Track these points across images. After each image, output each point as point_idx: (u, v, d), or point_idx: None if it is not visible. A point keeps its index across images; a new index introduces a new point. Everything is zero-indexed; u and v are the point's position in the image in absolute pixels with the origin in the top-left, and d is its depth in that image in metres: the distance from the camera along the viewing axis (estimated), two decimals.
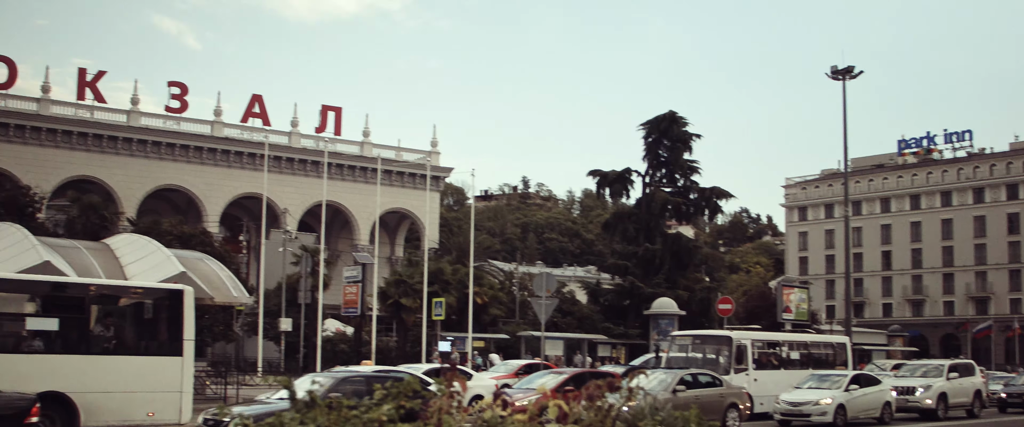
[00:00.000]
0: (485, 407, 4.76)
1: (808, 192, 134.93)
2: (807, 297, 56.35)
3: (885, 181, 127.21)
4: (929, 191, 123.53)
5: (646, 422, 4.89)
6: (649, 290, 66.34)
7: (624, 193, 74.05)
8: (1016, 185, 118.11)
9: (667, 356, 36.95)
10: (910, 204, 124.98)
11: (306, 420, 4.41)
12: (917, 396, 36.15)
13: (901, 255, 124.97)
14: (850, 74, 51.26)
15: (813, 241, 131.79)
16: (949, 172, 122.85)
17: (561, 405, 5.02)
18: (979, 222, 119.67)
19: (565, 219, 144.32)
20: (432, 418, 4.60)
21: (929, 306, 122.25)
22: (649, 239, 70.38)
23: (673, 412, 5.09)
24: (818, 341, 42.03)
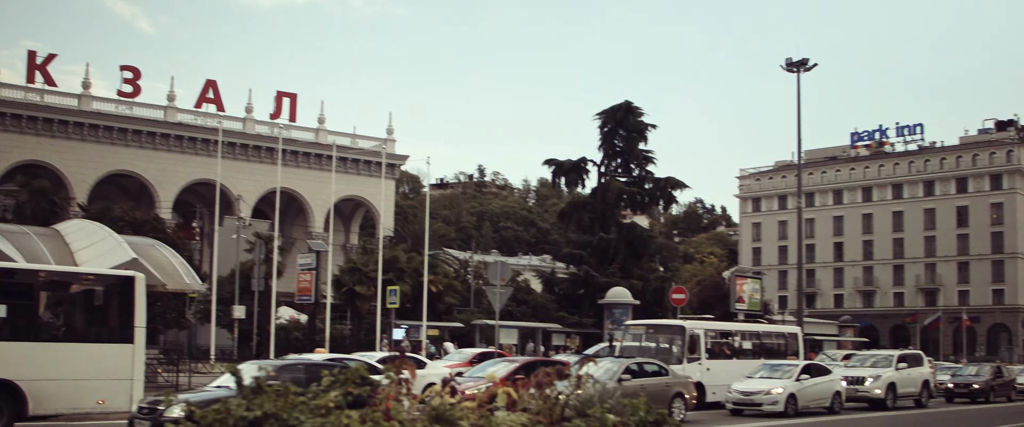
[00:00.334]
0: (433, 394, 4.75)
1: (762, 183, 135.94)
2: (760, 287, 56.75)
3: (838, 173, 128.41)
4: (881, 183, 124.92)
5: (595, 409, 4.91)
6: (603, 279, 66.55)
7: (580, 182, 74.16)
8: (965, 179, 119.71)
9: (620, 345, 37.05)
10: (862, 196, 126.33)
11: (253, 406, 4.38)
12: (867, 386, 36.59)
13: (853, 246, 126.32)
14: (804, 66, 51.61)
15: (766, 232, 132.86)
16: (900, 165, 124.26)
17: (510, 393, 5.03)
18: (929, 215, 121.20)
19: (521, 208, 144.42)
20: (380, 405, 4.58)
21: (880, 297, 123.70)
22: (604, 228, 70.59)
23: (622, 400, 5.11)
24: (770, 331, 42.34)
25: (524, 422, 4.72)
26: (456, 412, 4.70)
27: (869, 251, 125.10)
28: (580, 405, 4.98)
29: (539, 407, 4.94)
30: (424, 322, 55.17)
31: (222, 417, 4.35)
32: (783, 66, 52.04)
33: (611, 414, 4.97)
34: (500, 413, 4.86)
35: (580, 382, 5.01)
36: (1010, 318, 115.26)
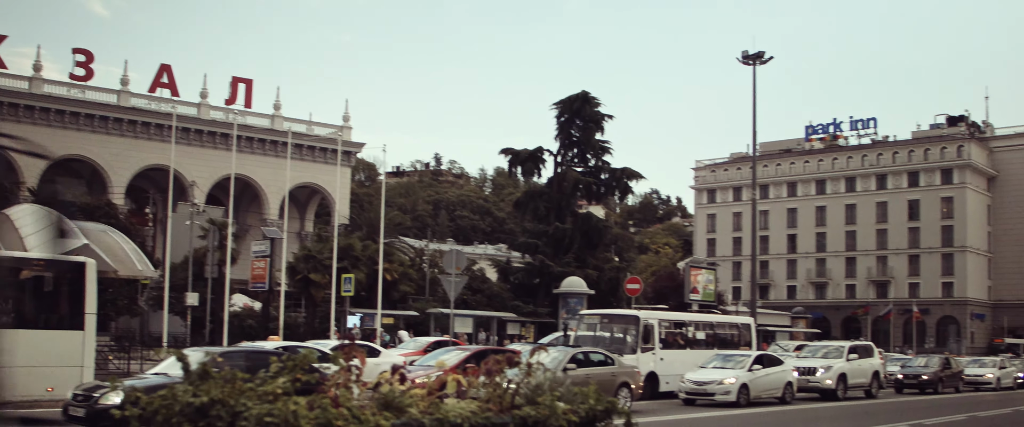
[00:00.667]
0: (383, 382, 4.74)
1: (717, 175, 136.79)
2: (714, 278, 57.09)
3: (792, 166, 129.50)
4: (834, 176, 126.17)
5: (545, 397, 4.91)
6: (559, 269, 66.67)
7: (536, 172, 74.16)
8: (917, 173, 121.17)
9: (575, 335, 37.20)
10: (816, 189, 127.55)
11: (199, 392, 4.34)
12: (818, 376, 36.96)
13: (806, 238, 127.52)
14: (760, 59, 51.99)
15: (721, 223, 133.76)
16: (854, 158, 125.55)
17: (459, 380, 5.02)
18: (881, 208, 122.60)
19: (477, 197, 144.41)
20: (329, 391, 4.56)
21: (832, 289, 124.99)
22: (560, 218, 70.69)
23: (572, 388, 5.11)
24: (724, 321, 42.67)
25: (473, 410, 4.71)
26: (405, 399, 4.68)
27: (822, 243, 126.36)
28: (530, 393, 4.97)
29: (489, 395, 4.93)
30: (379, 310, 54.98)
31: (168, 403, 4.30)
32: (739, 59, 52.40)
33: (561, 402, 4.96)
34: (450, 401, 4.85)
35: (530, 370, 5.01)
36: (959, 311, 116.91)
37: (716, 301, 58.19)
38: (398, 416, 4.56)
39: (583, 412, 4.99)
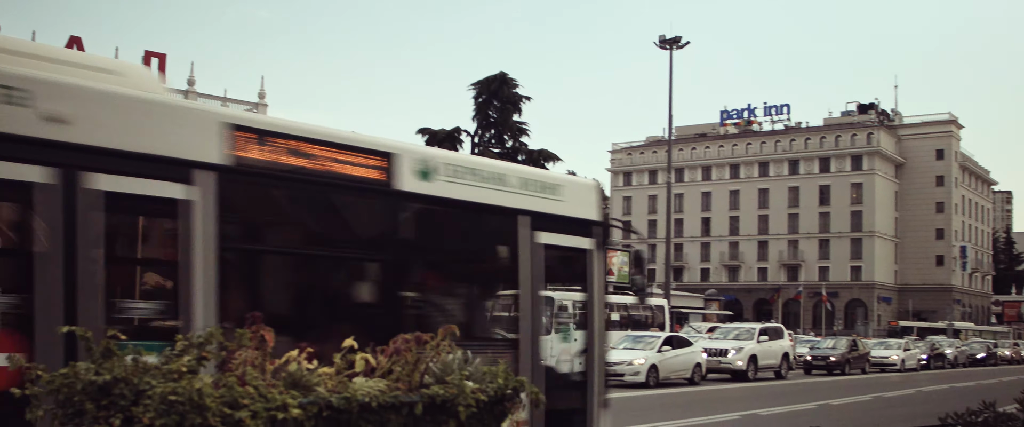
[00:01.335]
0: (291, 360, 4.71)
1: (633, 158, 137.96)
2: (629, 260, 57.57)
3: (707, 150, 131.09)
4: (748, 161, 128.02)
5: (454, 376, 4.91)
6: None
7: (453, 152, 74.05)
8: (828, 159, 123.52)
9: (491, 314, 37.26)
10: (730, 173, 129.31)
11: (102, 371, 4.26)
12: (729, 358, 37.60)
13: (720, 222, 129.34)
14: (677, 44, 52.49)
15: (636, 206, 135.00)
16: (767, 144, 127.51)
17: (368, 359, 5.01)
18: (793, 193, 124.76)
19: None
20: (236, 369, 4.51)
21: (744, 272, 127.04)
22: None
23: (482, 367, 5.13)
24: (637, 303, 43.12)
25: (382, 388, 4.71)
26: (313, 378, 4.66)
27: (735, 227, 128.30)
28: (439, 372, 4.98)
29: (398, 373, 4.93)
30: None
31: (70, 381, 4.22)
32: (656, 43, 52.86)
33: (469, 381, 4.98)
34: (358, 380, 4.83)
35: (439, 348, 5.02)
36: (866, 294, 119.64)
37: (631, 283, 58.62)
38: (305, 394, 4.54)
39: (492, 391, 5.01)
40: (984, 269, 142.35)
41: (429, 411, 4.76)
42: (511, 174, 9.47)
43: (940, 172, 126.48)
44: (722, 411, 23.90)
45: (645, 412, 23.58)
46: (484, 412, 4.95)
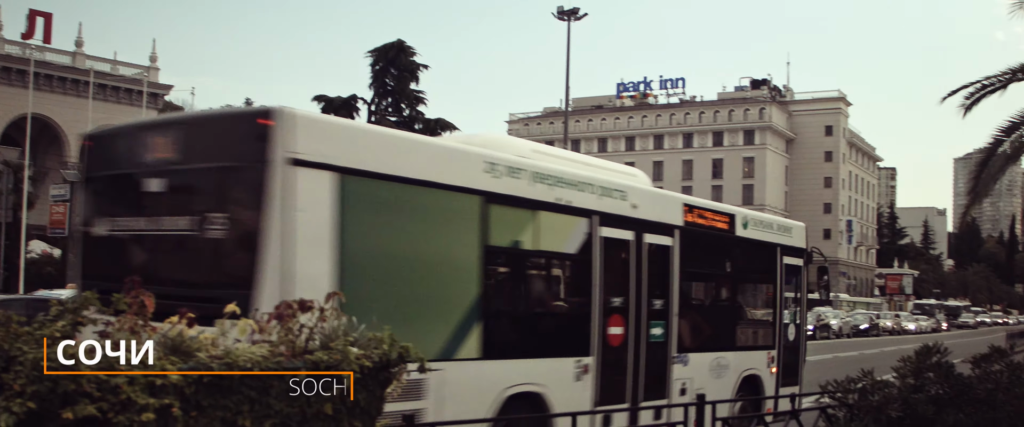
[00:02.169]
0: (172, 324, 4.63)
1: (530, 128, 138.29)
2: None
3: (603, 122, 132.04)
4: (643, 134, 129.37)
5: (338, 342, 4.89)
6: None
7: (350, 120, 73.41)
8: (721, 133, 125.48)
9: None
10: (625, 145, 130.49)
11: None
12: None
13: None
14: (575, 16, 52.64)
15: None
16: (662, 117, 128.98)
17: (251, 324, 4.95)
18: (687, 166, 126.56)
19: None
20: (113, 334, 4.42)
21: None
22: None
23: (367, 333, 5.11)
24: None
25: (264, 353, 4.66)
26: (193, 344, 4.59)
27: None
28: (324, 337, 4.95)
29: (281, 339, 4.88)
30: None
31: None
32: (554, 14, 52.94)
33: (354, 347, 4.96)
34: (241, 345, 4.77)
35: (324, 315, 4.98)
36: None
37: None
38: (185, 360, 4.46)
39: (377, 357, 5.00)
40: (869, 243, 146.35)
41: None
42: (776, 223, 17.07)
43: (829, 148, 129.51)
44: None
45: None
46: (369, 378, 4.94)
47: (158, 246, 9.42)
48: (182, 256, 9.21)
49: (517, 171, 10.40)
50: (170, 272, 9.22)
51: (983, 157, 23.27)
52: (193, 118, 12.12)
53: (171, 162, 9.04)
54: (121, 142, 10.40)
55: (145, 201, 9.34)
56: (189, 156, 8.99)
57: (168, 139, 9.27)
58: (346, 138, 9.05)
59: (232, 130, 9.17)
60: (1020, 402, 8.43)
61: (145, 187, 9.27)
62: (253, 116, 8.55)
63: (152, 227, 9.34)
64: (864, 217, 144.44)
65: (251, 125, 8.39)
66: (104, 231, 9.71)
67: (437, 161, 9.87)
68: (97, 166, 10.07)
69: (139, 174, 9.32)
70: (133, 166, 9.48)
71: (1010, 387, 8.69)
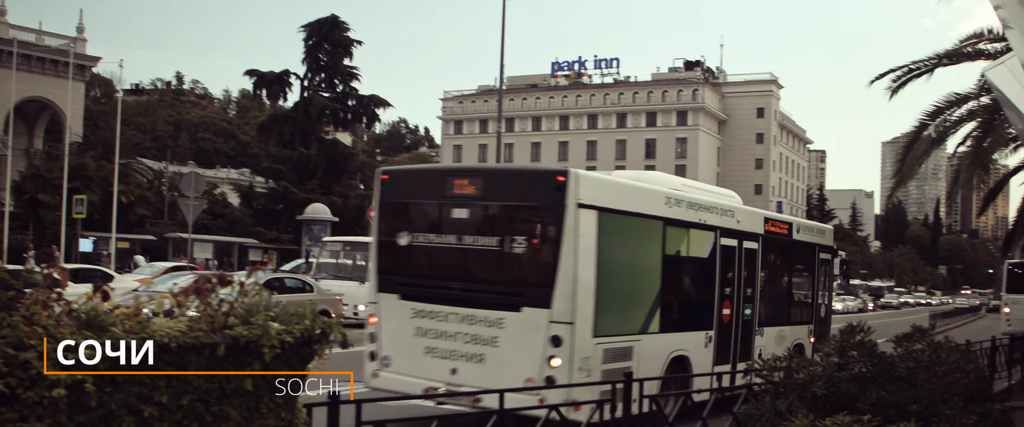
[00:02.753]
0: (85, 300, 4.51)
1: (465, 106, 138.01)
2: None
3: (538, 101, 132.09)
4: (578, 113, 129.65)
5: (259, 317, 4.80)
6: (303, 195, 65.82)
7: (282, 96, 72.61)
8: (655, 113, 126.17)
9: (317, 262, 37.00)
10: (560, 124, 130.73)
11: None
12: None
13: None
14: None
15: (467, 155, 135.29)
16: (596, 96, 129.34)
17: (170, 299, 4.84)
18: (621, 146, 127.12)
19: (220, 119, 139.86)
20: (24, 310, 4.29)
21: None
22: (305, 144, 69.69)
23: (289, 308, 5.02)
24: None
25: (182, 329, 4.55)
26: (108, 318, 4.46)
27: None
28: (245, 313, 4.85)
29: (200, 314, 4.78)
30: (113, 234, 52.77)
31: None
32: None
33: (275, 323, 4.87)
34: (158, 320, 4.66)
35: (244, 290, 4.88)
36: None
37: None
38: (99, 335, 4.34)
39: (298, 332, 4.91)
40: None
41: (232, 352, 4.64)
42: (814, 226, 20.94)
43: (760, 130, 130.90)
44: None
45: None
46: (290, 353, 4.85)
47: (460, 255, 13.03)
48: (485, 263, 12.83)
49: (679, 202, 14.74)
50: (473, 273, 12.98)
51: (909, 140, 23.67)
52: (497, 169, 16.61)
53: (475, 198, 12.92)
54: (419, 178, 14.90)
55: (449, 223, 13.15)
56: (493, 195, 13.01)
57: (473, 181, 13.17)
58: (601, 187, 13.02)
59: (536, 181, 13.35)
60: (940, 380, 8.57)
61: (450, 214, 13.16)
62: (553, 174, 12.34)
63: (455, 242, 12.98)
64: (794, 198, 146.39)
65: (552, 179, 12.31)
66: (404, 242, 13.31)
67: (643, 199, 14.05)
68: (394, 195, 13.82)
69: (446, 204, 13.21)
70: (438, 197, 13.37)
71: (930, 366, 8.82)
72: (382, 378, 13.11)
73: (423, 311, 12.86)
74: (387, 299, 13.42)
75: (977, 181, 27.14)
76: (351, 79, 72.36)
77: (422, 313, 12.85)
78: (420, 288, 13.14)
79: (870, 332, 9.44)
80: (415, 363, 12.82)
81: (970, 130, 23.37)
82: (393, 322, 13.30)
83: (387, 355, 13.23)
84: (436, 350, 12.67)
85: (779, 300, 18.91)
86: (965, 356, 9.13)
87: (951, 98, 22.34)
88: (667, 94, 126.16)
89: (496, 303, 12.29)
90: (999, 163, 32.32)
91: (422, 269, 13.39)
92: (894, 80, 22.20)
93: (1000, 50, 19.52)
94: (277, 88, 71.79)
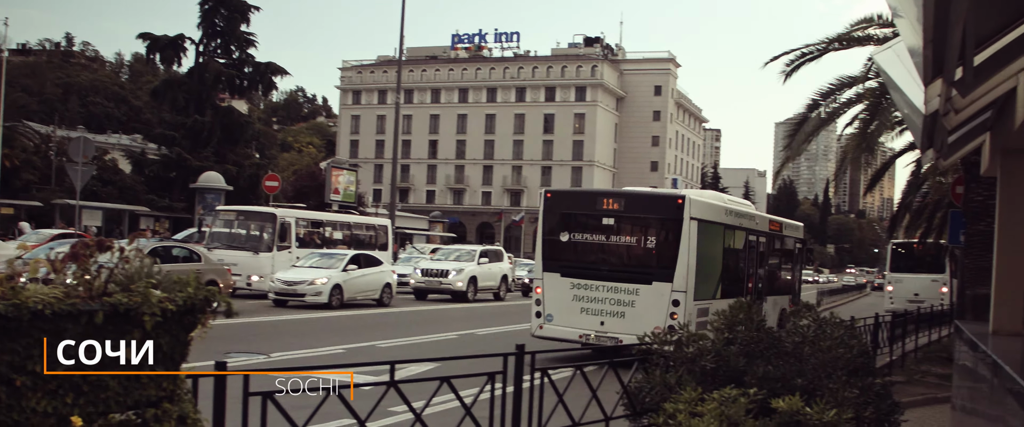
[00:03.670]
0: None
1: (363, 76, 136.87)
2: (355, 180, 57.37)
3: (437, 73, 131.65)
4: (477, 86, 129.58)
5: (139, 284, 4.65)
6: (197, 163, 64.59)
7: (176, 61, 71.02)
8: (553, 88, 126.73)
9: (211, 231, 36.42)
10: (458, 97, 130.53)
11: None
12: (450, 279, 38.17)
13: (447, 145, 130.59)
14: None
15: (365, 125, 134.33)
16: (496, 70, 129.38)
17: (46, 265, 4.66)
18: (519, 119, 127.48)
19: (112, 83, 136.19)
20: None
21: (469, 195, 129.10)
22: (199, 110, 68.30)
23: (171, 275, 4.88)
24: (361, 222, 43.03)
25: (58, 295, 4.39)
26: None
27: (462, 150, 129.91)
28: (125, 279, 4.70)
29: (79, 279, 4.61)
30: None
31: None
32: None
33: (157, 290, 4.72)
34: (32, 286, 4.49)
35: (124, 256, 4.73)
36: None
37: (356, 202, 58.50)
38: None
39: (181, 301, 4.78)
40: None
41: (111, 320, 4.49)
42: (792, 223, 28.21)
43: (657, 107, 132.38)
44: (443, 330, 24.30)
45: (370, 330, 23.59)
46: (172, 322, 4.72)
47: (607, 249, 19.37)
48: (627, 253, 19.29)
49: (730, 212, 21.50)
50: (620, 262, 19.15)
51: (799, 120, 24.13)
52: (635, 192, 21.18)
53: (621, 212, 19.34)
54: (575, 197, 24.11)
55: (599, 227, 19.38)
56: (633, 209, 19.53)
57: (617, 200, 19.61)
58: (699, 205, 19.28)
59: (663, 201, 19.89)
60: (824, 355, 8.75)
61: (600, 221, 19.37)
62: (676, 197, 19.04)
63: (604, 240, 19.35)
64: (689, 176, 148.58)
65: (674, 200, 18.83)
66: (564, 239, 19.61)
67: (716, 213, 20.60)
68: (555, 207, 20.19)
69: (600, 214, 19.42)
70: (591, 209, 19.74)
71: (816, 341, 9.00)
72: (546, 329, 19.34)
73: (579, 284, 19.02)
74: (550, 276, 19.57)
75: (864, 162, 27.79)
76: (248, 45, 71.07)
77: (578, 286, 19.02)
78: (577, 269, 19.24)
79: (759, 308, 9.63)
80: (572, 318, 18.95)
81: (858, 112, 23.90)
82: (554, 292, 19.38)
83: (550, 313, 19.34)
84: (589, 309, 18.80)
85: (774, 277, 25.70)
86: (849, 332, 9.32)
87: (841, 81, 22.81)
88: (566, 70, 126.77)
89: (633, 279, 18.62)
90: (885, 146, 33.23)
91: (578, 257, 19.41)
92: (788, 63, 22.59)
93: (888, 35, 20.00)
94: (171, 53, 70.19)
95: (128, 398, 4.77)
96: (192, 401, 5.13)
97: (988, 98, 9.00)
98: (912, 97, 7.90)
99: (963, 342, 11.14)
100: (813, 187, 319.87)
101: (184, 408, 5.01)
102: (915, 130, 9.17)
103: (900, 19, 7.24)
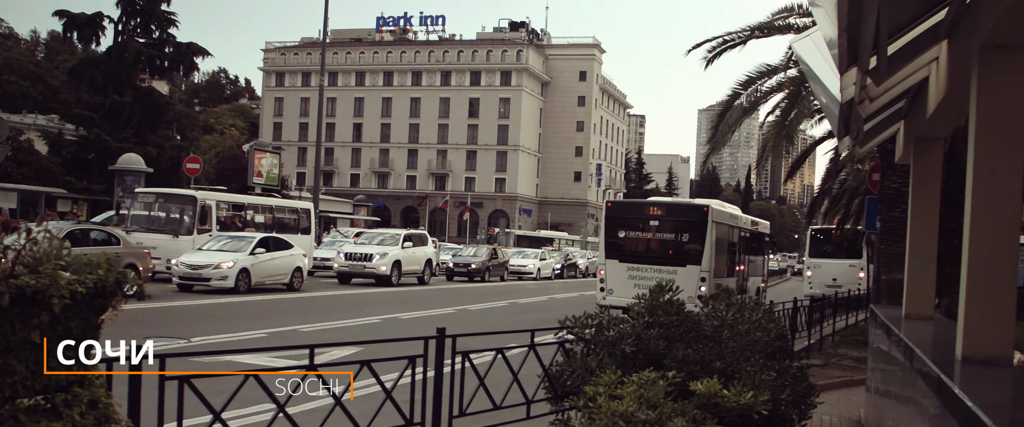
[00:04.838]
0: None
1: (287, 58, 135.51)
2: (278, 162, 56.71)
3: (362, 56, 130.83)
4: (402, 69, 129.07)
5: (48, 265, 4.54)
6: (116, 144, 63.41)
7: (94, 39, 69.58)
8: (479, 73, 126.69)
9: (130, 214, 35.81)
10: (383, 80, 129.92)
11: None
12: (374, 263, 38.01)
13: (372, 128, 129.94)
14: None
15: (289, 108, 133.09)
16: (421, 53, 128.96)
17: None
18: (445, 103, 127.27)
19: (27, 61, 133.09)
20: None
21: (394, 179, 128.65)
22: (119, 91, 67.02)
23: (81, 257, 4.77)
24: (283, 205, 42.61)
25: None
26: None
27: (387, 134, 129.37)
28: (33, 261, 4.58)
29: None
30: None
31: None
32: None
33: (66, 272, 4.61)
34: None
35: (32, 237, 4.61)
36: (509, 205, 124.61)
37: (280, 185, 57.85)
38: None
39: (91, 283, 4.67)
40: (617, 186, 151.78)
41: (18, 304, 4.37)
42: (763, 222, 39.10)
43: (582, 93, 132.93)
44: (366, 315, 24.16)
45: (292, 315, 23.39)
46: (82, 305, 4.61)
47: (653, 243, 27.30)
48: (669, 247, 27.04)
49: (732, 216, 30.61)
50: (662, 253, 26.92)
51: (722, 108, 24.38)
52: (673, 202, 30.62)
53: (663, 216, 27.57)
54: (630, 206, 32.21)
55: (648, 226, 27.48)
56: (671, 214, 27.86)
57: (660, 208, 28.13)
58: (717, 212, 27.60)
59: (693, 209, 28.01)
60: (742, 338, 8.85)
61: (649, 222, 27.45)
62: (702, 206, 27.51)
63: (651, 236, 27.36)
64: (613, 161, 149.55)
65: (701, 208, 27.31)
66: (622, 235, 27.58)
67: (727, 217, 29.03)
68: (615, 213, 28.38)
69: (648, 218, 27.58)
70: (642, 215, 27.84)
71: (734, 324, 9.09)
72: (608, 300, 25.23)
73: (632, 267, 26.82)
74: (611, 262, 27.35)
75: (785, 150, 28.51)
76: (169, 25, 69.88)
77: (632, 268, 26.80)
78: (631, 257, 27.15)
79: (678, 291, 9.69)
80: (627, 291, 23.25)
81: (778, 101, 24.25)
82: (614, 273, 27.13)
83: (611, 288, 26.90)
84: (640, 285, 23.59)
85: (754, 262, 34.31)
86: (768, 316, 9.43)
87: (762, 69, 23.09)
88: (491, 54, 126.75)
89: (672, 263, 26.26)
90: (805, 133, 33.86)
91: (632, 248, 27.35)
92: (710, 50, 22.78)
93: (808, 24, 20.26)
94: (89, 31, 68.78)
95: (36, 383, 4.67)
96: (104, 385, 5.02)
97: (902, 87, 9.16)
98: (829, 85, 8.00)
99: (878, 326, 11.37)
100: (735, 173, 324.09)
101: (95, 393, 4.90)
102: (832, 118, 9.30)
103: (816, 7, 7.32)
